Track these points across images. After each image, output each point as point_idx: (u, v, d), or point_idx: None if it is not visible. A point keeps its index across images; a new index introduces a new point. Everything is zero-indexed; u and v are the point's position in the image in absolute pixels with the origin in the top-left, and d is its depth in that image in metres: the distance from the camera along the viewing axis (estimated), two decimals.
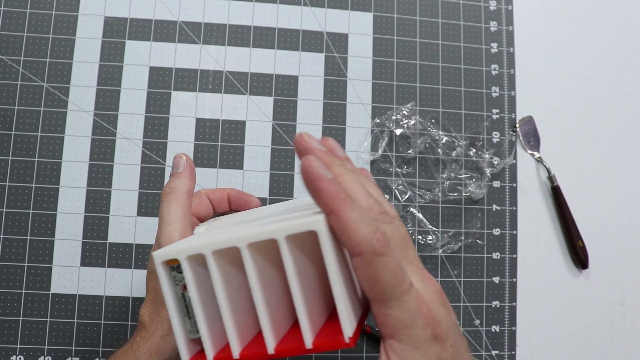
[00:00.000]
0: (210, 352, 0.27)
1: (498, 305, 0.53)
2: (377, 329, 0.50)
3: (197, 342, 0.29)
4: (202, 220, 0.41)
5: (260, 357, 0.27)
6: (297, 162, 0.53)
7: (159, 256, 0.27)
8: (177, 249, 0.27)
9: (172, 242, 0.33)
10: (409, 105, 0.55)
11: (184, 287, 0.28)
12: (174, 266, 0.28)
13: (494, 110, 0.57)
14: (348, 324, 0.26)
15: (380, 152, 0.54)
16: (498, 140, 0.56)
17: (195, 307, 0.27)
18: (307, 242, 0.29)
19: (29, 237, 0.49)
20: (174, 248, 0.27)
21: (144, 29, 0.53)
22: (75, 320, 0.48)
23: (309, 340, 0.26)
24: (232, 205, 0.44)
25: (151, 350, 0.33)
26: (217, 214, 0.44)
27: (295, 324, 0.31)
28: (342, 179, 0.28)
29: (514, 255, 0.54)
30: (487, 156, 0.55)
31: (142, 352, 0.33)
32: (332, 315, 0.31)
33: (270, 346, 0.27)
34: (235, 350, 0.27)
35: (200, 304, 0.27)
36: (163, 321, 0.34)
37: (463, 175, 0.55)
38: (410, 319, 0.25)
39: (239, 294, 0.29)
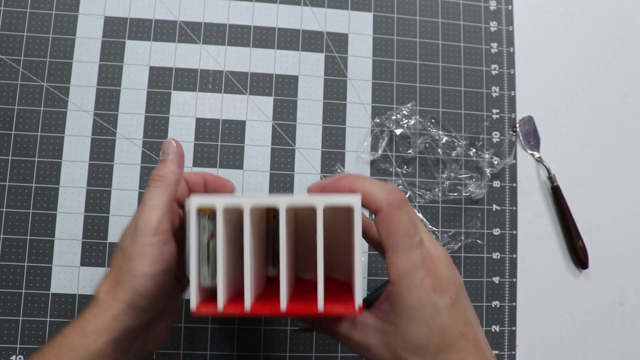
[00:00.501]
0: (221, 298, 0.29)
1: (498, 305, 0.53)
2: None
3: (205, 292, 0.31)
4: (179, 202, 0.41)
5: (271, 312, 0.29)
6: (296, 164, 0.53)
7: (196, 201, 0.29)
8: (215, 199, 0.29)
9: (149, 226, 0.33)
10: (409, 105, 0.55)
11: (211, 236, 0.30)
12: (204, 215, 0.30)
13: (494, 110, 0.57)
14: (360, 295, 0.29)
15: (380, 152, 0.54)
16: (498, 140, 0.56)
17: (219, 253, 0.29)
18: (330, 219, 0.34)
19: (28, 237, 0.49)
20: (211, 198, 0.30)
21: (144, 29, 0.53)
22: None
23: (321, 303, 0.29)
24: (208, 188, 0.43)
25: (100, 329, 0.33)
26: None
27: (296, 288, 0.35)
28: (350, 174, 0.34)
29: (514, 255, 0.54)
30: (487, 156, 0.55)
31: (91, 330, 0.32)
32: (329, 285, 0.34)
33: (284, 303, 0.29)
34: (248, 300, 0.29)
35: (223, 252, 0.29)
36: (118, 300, 0.33)
37: (463, 175, 0.55)
38: (412, 269, 0.29)
39: (256, 252, 0.31)
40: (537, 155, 0.57)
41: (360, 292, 0.29)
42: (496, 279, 0.54)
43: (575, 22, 0.60)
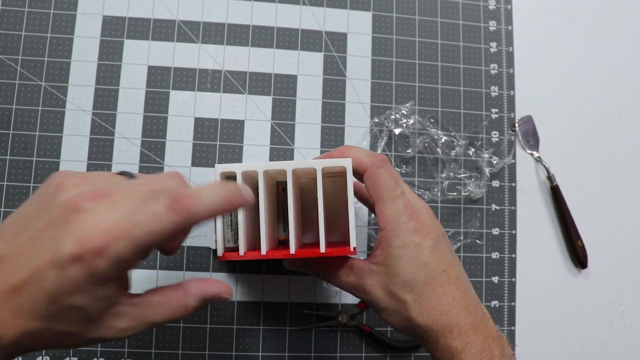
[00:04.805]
0: (242, 245, 0.37)
1: (497, 305, 0.53)
2: (376, 329, 0.50)
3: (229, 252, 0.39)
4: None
5: (283, 255, 0.37)
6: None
7: (221, 168, 0.38)
8: (234, 166, 0.38)
9: (107, 270, 0.26)
10: (408, 104, 0.55)
11: None
12: (226, 179, 0.38)
13: (493, 110, 0.56)
14: (354, 237, 0.36)
15: (379, 151, 0.54)
16: (497, 139, 0.56)
17: (239, 211, 0.36)
18: (327, 182, 0.41)
19: None
20: (232, 165, 0.38)
21: (142, 28, 0.53)
22: None
23: (323, 246, 0.36)
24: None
25: None
26: None
27: (303, 246, 0.41)
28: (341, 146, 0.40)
29: (513, 255, 0.54)
30: (486, 156, 0.55)
31: None
32: (329, 243, 0.41)
33: (293, 248, 0.36)
34: (264, 248, 0.37)
35: (243, 210, 0.37)
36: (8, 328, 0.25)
37: (462, 175, 0.55)
38: (397, 214, 0.35)
39: (268, 212, 0.39)
40: (536, 154, 0.57)
41: (354, 235, 0.36)
42: (495, 279, 0.54)
43: (574, 22, 0.60)
